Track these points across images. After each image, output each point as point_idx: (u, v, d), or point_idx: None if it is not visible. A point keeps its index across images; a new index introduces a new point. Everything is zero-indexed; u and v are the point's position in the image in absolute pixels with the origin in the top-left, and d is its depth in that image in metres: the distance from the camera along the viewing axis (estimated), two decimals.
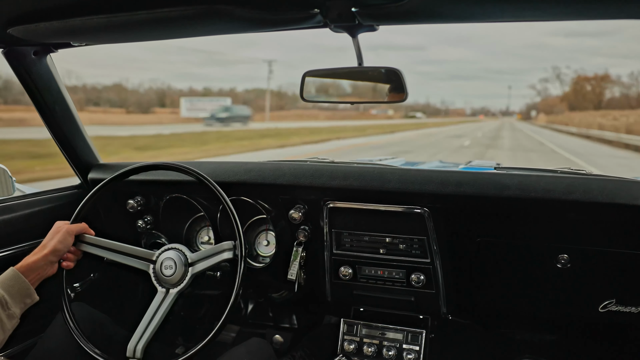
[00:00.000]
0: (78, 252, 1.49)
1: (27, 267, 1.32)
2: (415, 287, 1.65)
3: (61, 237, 1.41)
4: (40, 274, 1.36)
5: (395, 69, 1.30)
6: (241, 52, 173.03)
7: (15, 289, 1.26)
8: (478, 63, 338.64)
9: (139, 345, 1.38)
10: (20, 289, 1.28)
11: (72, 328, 1.42)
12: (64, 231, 1.43)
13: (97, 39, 1.49)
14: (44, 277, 1.37)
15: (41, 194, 1.84)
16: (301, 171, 1.67)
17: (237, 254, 1.43)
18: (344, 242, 1.71)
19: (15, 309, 1.24)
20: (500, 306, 1.78)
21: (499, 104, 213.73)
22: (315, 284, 1.78)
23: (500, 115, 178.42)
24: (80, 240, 1.49)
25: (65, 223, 1.48)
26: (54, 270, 1.41)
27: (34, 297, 1.31)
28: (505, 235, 1.59)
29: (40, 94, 1.69)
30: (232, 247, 1.45)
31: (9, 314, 1.23)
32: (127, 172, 1.56)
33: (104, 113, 44.05)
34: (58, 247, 1.40)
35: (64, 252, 1.43)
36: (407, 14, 1.16)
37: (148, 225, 1.93)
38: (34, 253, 1.37)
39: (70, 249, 1.45)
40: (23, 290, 1.28)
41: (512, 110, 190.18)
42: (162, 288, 1.45)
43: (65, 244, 1.42)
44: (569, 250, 1.53)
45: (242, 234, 1.43)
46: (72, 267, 1.47)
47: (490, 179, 1.51)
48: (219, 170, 1.74)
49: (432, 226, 1.58)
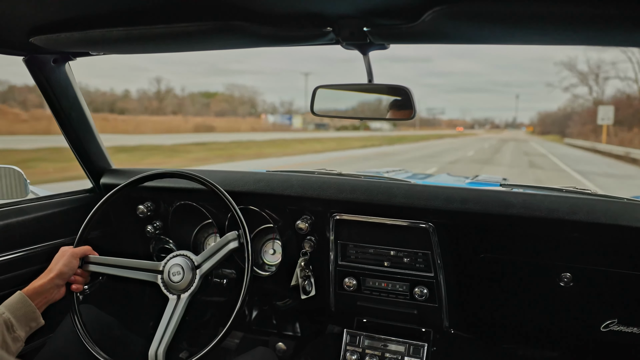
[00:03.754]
0: (85, 273, 1.52)
1: (34, 290, 1.34)
2: (418, 300, 1.67)
3: (66, 261, 1.44)
4: (47, 297, 1.37)
5: (404, 87, 1.33)
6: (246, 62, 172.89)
7: (21, 312, 1.28)
8: (484, 75, 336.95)
9: (160, 350, 1.40)
10: (27, 312, 1.29)
11: (80, 332, 1.45)
12: (68, 254, 1.46)
13: (115, 50, 1.53)
14: (51, 301, 1.39)
15: (54, 197, 1.88)
16: (309, 183, 1.69)
17: (243, 242, 1.46)
18: (349, 253, 1.73)
19: (20, 332, 1.26)
20: (502, 322, 1.79)
21: (507, 116, 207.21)
22: (320, 294, 1.80)
23: (505, 129, 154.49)
24: (86, 261, 1.52)
25: (69, 247, 1.51)
26: (61, 294, 1.43)
27: (40, 322, 1.33)
28: (508, 253, 1.60)
29: (57, 100, 1.74)
30: (237, 236, 1.48)
31: (14, 337, 1.24)
32: (140, 179, 1.59)
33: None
34: (64, 270, 1.42)
35: (70, 275, 1.45)
36: (418, 35, 1.18)
37: (157, 231, 1.96)
38: (40, 277, 1.39)
39: (77, 271, 1.48)
40: (29, 314, 1.30)
41: (519, 123, 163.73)
42: (173, 295, 1.47)
43: (71, 267, 1.45)
44: (572, 269, 1.54)
45: (245, 224, 1.46)
46: (81, 290, 1.49)
47: (495, 197, 1.53)
48: (229, 180, 1.77)
49: (437, 241, 1.60)
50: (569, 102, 74.13)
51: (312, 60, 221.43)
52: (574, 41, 1.16)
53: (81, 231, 1.57)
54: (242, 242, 1.47)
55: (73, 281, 1.47)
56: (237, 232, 1.48)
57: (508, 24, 1.07)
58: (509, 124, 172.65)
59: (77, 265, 1.48)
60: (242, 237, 1.47)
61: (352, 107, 1.50)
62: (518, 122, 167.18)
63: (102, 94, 53.51)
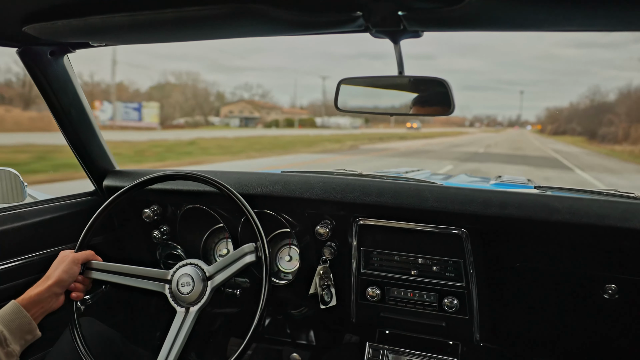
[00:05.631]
0: (87, 280, 1.39)
1: (30, 300, 1.22)
2: (447, 312, 1.55)
3: (66, 267, 1.31)
4: (44, 307, 1.25)
5: (442, 79, 1.20)
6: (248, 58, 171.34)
7: (15, 324, 1.16)
8: (488, 74, 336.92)
9: None
10: (21, 324, 1.17)
11: (79, 347, 1.34)
12: (69, 260, 1.33)
13: (118, 39, 1.40)
14: (49, 310, 1.27)
15: (53, 200, 1.76)
16: (331, 185, 1.57)
17: (260, 256, 1.34)
18: (373, 261, 1.61)
19: (14, 346, 1.14)
20: (536, 335, 1.67)
21: (510, 114, 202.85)
22: (340, 304, 1.68)
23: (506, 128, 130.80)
24: (88, 268, 1.40)
25: (70, 252, 1.38)
26: (59, 303, 1.30)
27: (36, 334, 1.20)
28: (548, 261, 1.47)
29: (55, 96, 1.61)
30: (254, 249, 1.36)
31: (8, 352, 1.12)
32: (146, 181, 1.47)
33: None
34: (63, 278, 1.30)
35: (69, 283, 1.32)
36: (458, 20, 1.06)
37: (164, 236, 1.84)
38: (37, 285, 1.27)
39: (78, 278, 1.36)
40: (24, 326, 1.18)
41: (524, 120, 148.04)
42: (181, 308, 1.35)
43: (71, 274, 1.32)
44: (617, 280, 1.42)
45: (264, 236, 1.34)
46: (82, 298, 1.37)
47: (538, 201, 1.40)
48: (242, 181, 1.64)
49: (470, 248, 1.48)
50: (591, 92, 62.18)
51: (317, 57, 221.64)
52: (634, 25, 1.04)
53: (82, 236, 1.45)
54: (260, 255, 1.34)
55: (73, 289, 1.35)
56: (255, 244, 1.36)
57: (565, 6, 0.94)
58: (513, 122, 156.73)
59: (78, 271, 1.35)
60: (260, 251, 1.35)
61: (380, 102, 1.36)
62: (523, 119, 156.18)
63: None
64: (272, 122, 64.57)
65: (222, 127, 52.08)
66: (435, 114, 1.26)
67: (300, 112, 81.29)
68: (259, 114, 67.84)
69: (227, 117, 60.26)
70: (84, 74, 45.86)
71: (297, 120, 66.85)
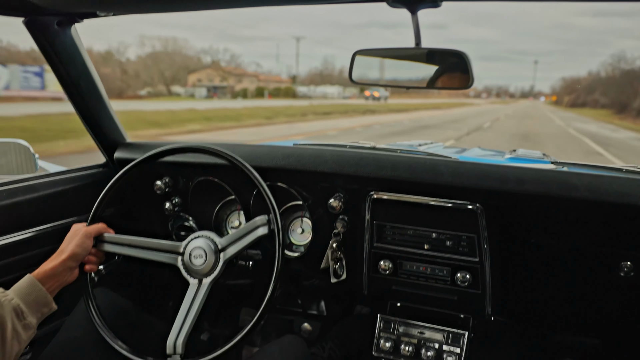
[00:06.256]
0: (100, 253, 1.40)
1: (45, 274, 1.22)
2: (460, 286, 1.54)
3: (79, 241, 1.31)
4: (59, 281, 1.26)
5: (461, 52, 1.16)
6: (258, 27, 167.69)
7: (32, 297, 1.17)
8: (501, 44, 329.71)
9: (179, 340, 1.30)
10: (37, 297, 1.18)
11: (94, 317, 1.35)
12: (81, 234, 1.33)
13: (126, 8, 1.36)
14: (64, 284, 1.28)
15: (65, 172, 1.75)
16: (345, 159, 1.54)
17: (273, 228, 1.33)
18: (385, 235, 1.60)
19: (31, 318, 1.15)
20: (548, 310, 1.67)
21: (523, 84, 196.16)
22: (352, 276, 1.68)
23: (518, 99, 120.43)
24: (100, 240, 1.40)
25: (82, 225, 1.38)
26: (74, 277, 1.31)
27: (52, 307, 1.21)
28: (563, 238, 1.45)
29: (64, 67, 1.58)
30: (267, 221, 1.35)
31: (25, 324, 1.13)
32: (158, 154, 1.46)
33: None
34: (77, 252, 1.30)
35: (83, 256, 1.33)
36: None
37: (176, 208, 1.83)
38: (52, 259, 1.27)
39: (91, 251, 1.36)
40: (40, 299, 1.18)
41: (538, 92, 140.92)
42: (194, 279, 1.35)
43: (84, 248, 1.32)
44: (633, 258, 1.40)
45: (276, 208, 1.33)
46: (96, 270, 1.38)
47: (556, 178, 1.36)
48: (255, 154, 1.62)
49: (484, 224, 1.46)
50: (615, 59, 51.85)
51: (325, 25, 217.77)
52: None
53: (94, 209, 1.44)
54: (273, 228, 1.33)
55: (87, 262, 1.35)
56: (268, 216, 1.35)
57: None
58: (526, 93, 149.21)
59: (91, 245, 1.35)
60: (273, 223, 1.33)
61: (396, 74, 1.32)
62: (536, 90, 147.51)
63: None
64: (240, 91, 57.75)
65: (186, 98, 43.92)
66: (454, 86, 1.22)
67: (279, 80, 73.00)
68: (231, 82, 61.57)
69: (196, 87, 51.34)
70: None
71: (268, 90, 59.09)
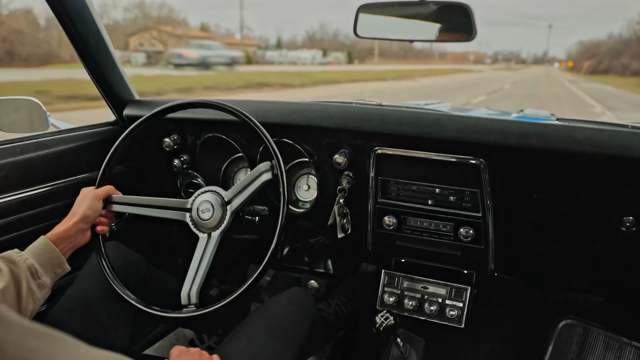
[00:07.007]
0: (110, 214, 1.44)
1: (58, 236, 1.27)
2: (463, 241, 1.57)
3: (89, 203, 1.36)
4: (72, 242, 1.31)
5: (464, 4, 1.16)
6: None
7: (45, 257, 1.22)
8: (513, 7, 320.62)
9: (192, 291, 1.35)
10: (51, 257, 1.23)
11: (107, 273, 1.40)
12: (90, 197, 1.37)
13: None
14: (77, 246, 1.33)
15: (76, 129, 1.78)
16: (349, 114, 1.55)
17: (276, 173, 1.36)
18: (390, 190, 1.62)
19: (45, 278, 1.20)
20: (550, 266, 1.69)
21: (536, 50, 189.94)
22: (356, 233, 1.71)
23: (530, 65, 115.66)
24: (109, 202, 1.44)
25: (91, 188, 1.42)
26: (86, 239, 1.36)
27: (65, 267, 1.26)
28: (566, 193, 1.46)
29: (72, 23, 1.59)
30: (270, 167, 1.38)
31: (40, 284, 1.18)
32: (165, 110, 1.48)
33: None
34: (87, 214, 1.34)
35: (94, 218, 1.37)
36: None
37: (184, 165, 1.86)
38: (64, 222, 1.32)
39: (101, 212, 1.41)
40: (54, 260, 1.23)
41: (552, 57, 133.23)
42: (203, 233, 1.39)
43: (94, 210, 1.37)
44: (635, 213, 1.40)
45: (279, 154, 1.35)
46: (107, 231, 1.43)
47: (559, 132, 1.36)
48: (262, 110, 1.64)
49: (487, 179, 1.47)
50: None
51: None
52: None
53: (103, 168, 1.48)
54: (276, 173, 1.36)
55: (98, 223, 1.40)
56: (270, 162, 1.37)
57: None
58: (539, 59, 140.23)
59: (101, 206, 1.40)
60: (276, 168, 1.35)
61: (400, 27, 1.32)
62: (550, 56, 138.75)
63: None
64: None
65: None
66: (457, 40, 1.23)
67: (238, 43, 60.63)
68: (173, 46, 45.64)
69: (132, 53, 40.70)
70: None
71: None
